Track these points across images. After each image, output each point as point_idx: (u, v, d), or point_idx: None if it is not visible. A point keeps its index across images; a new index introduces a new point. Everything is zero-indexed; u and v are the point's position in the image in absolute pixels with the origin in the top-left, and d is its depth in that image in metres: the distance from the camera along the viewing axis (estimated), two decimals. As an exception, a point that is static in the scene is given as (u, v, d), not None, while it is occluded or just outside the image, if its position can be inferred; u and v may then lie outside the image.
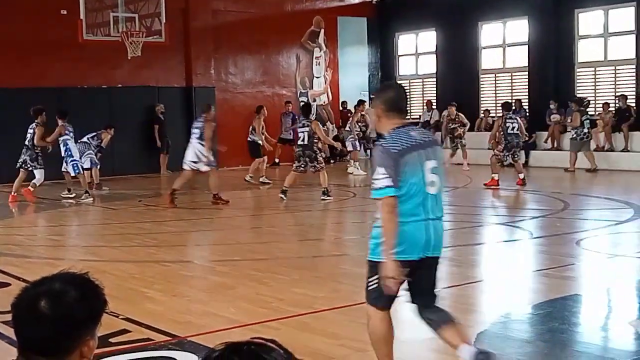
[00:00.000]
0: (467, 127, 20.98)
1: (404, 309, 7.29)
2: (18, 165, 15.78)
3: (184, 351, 5.77)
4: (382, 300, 4.87)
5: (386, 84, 4.64)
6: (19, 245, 11.02)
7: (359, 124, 23.26)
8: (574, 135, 19.68)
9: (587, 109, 20.07)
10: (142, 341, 6.08)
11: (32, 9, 19.62)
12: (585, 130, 19.53)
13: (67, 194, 16.28)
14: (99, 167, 17.60)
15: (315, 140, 14.73)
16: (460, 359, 4.79)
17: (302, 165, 14.63)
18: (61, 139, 15.94)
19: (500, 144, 16.61)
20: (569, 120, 20.23)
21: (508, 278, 8.42)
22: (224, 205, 14.46)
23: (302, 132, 14.74)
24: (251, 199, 16.89)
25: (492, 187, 16.12)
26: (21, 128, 16.59)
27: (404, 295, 7.70)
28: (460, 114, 21.04)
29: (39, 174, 15.79)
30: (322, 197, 14.72)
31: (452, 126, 20.98)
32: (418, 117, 25.52)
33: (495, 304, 7.35)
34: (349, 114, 25.36)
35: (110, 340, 5.87)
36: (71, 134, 16.07)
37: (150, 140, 21.63)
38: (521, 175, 16.46)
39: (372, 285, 4.85)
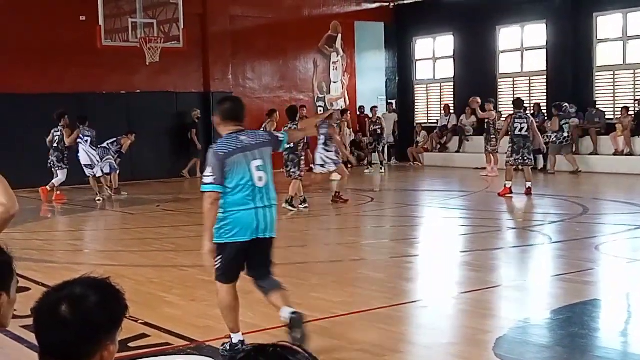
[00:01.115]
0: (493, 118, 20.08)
1: (424, 314, 7.29)
2: (49, 166, 16.77)
3: (202, 355, 5.78)
4: (226, 276, 5.74)
5: (225, 97, 6.04)
6: (38, 250, 11.09)
7: (375, 126, 23.27)
8: (554, 139, 20.20)
9: (568, 115, 20.41)
10: (161, 345, 6.10)
11: (51, 15, 19.76)
12: (565, 134, 20.20)
13: (97, 197, 16.59)
14: (118, 172, 17.73)
15: (300, 146, 14.37)
16: (281, 317, 5.69)
17: (290, 171, 14.24)
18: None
19: (509, 148, 15.73)
20: (549, 125, 20.56)
21: (527, 283, 8.39)
22: (342, 204, 14.94)
23: None
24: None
25: (506, 195, 15.35)
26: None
27: (421, 301, 7.71)
28: (491, 111, 20.09)
29: (62, 174, 16.71)
30: (284, 206, 13.79)
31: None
32: (436, 121, 25.48)
33: (514, 309, 7.31)
34: (367, 119, 25.40)
35: (129, 344, 5.89)
36: (85, 139, 16.44)
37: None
38: (528, 184, 15.44)
39: (218, 264, 5.69)
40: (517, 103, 16.14)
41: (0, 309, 2.45)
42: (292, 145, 13.67)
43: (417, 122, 25.98)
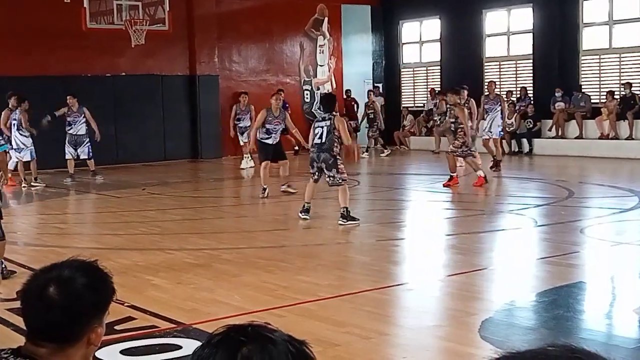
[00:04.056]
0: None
1: (410, 297, 7.32)
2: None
3: (189, 338, 5.78)
4: None
5: None
6: (23, 234, 11.05)
7: (368, 111, 22.96)
8: (438, 122, 21.81)
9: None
10: (148, 328, 6.10)
11: (35, -3, 19.61)
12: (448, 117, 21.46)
13: (35, 182, 16.57)
14: (85, 156, 17.38)
15: (336, 139, 10.98)
16: None
17: (315, 173, 11.22)
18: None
19: (461, 137, 14.79)
20: (436, 109, 22.51)
21: (512, 266, 8.43)
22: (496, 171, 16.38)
23: (320, 126, 11.04)
24: (255, 188, 16.88)
25: (480, 185, 14.65)
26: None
27: (408, 283, 7.74)
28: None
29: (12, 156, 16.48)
30: (341, 222, 10.84)
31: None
32: (422, 105, 25.47)
33: (499, 291, 7.35)
34: (353, 103, 25.36)
35: (115, 327, 5.88)
36: (14, 122, 16.39)
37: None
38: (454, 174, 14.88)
39: None
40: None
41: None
42: (322, 140, 10.91)
43: (403, 105, 25.98)
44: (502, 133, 17.99)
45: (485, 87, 18.04)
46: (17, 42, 19.42)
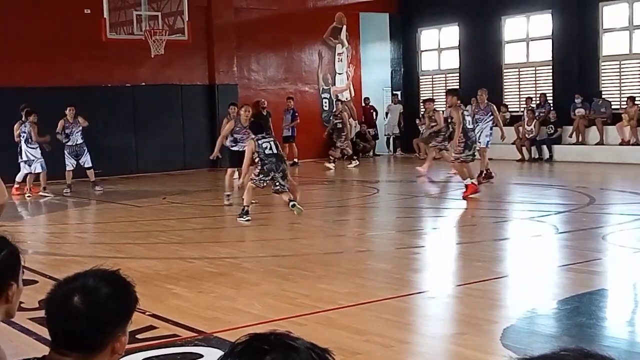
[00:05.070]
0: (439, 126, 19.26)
1: (431, 305, 7.29)
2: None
3: (210, 347, 5.79)
4: None
5: None
6: (45, 243, 11.12)
7: (336, 120, 22.45)
8: (423, 130, 22.10)
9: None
10: (169, 337, 6.11)
11: (55, 8, 19.77)
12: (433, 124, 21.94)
13: (44, 192, 16.79)
14: (88, 165, 17.42)
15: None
16: None
17: (267, 180, 11.77)
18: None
19: (460, 143, 14.39)
20: (418, 120, 23.63)
21: (534, 273, 8.38)
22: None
23: (267, 141, 11.79)
24: (270, 197, 16.89)
25: (473, 194, 13.99)
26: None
27: (429, 291, 7.72)
28: (437, 110, 19.72)
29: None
30: (294, 205, 11.62)
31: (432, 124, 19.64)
32: (441, 112, 25.39)
33: (521, 299, 7.31)
34: (372, 110, 25.35)
35: (137, 336, 5.89)
36: (23, 134, 16.58)
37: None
38: (473, 181, 14.26)
39: None
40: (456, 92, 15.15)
41: (12, 298, 2.46)
42: (273, 151, 11.66)
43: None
44: (489, 144, 17.13)
45: (478, 95, 17.34)
46: (38, 52, 19.59)
